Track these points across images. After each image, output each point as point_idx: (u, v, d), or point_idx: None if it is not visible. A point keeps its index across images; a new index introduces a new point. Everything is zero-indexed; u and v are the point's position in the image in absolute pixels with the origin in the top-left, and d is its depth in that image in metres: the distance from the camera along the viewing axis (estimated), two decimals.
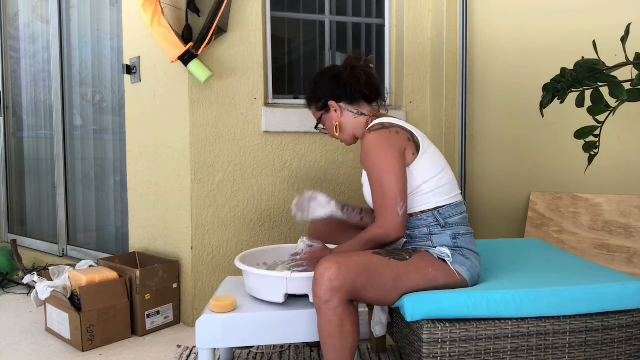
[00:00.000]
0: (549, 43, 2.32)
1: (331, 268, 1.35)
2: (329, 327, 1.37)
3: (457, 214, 1.53)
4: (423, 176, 1.51)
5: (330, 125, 1.71)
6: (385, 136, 1.49)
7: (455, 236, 1.51)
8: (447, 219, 1.51)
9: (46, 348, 2.07)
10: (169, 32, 2.04)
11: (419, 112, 2.60)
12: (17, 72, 3.54)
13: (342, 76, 1.65)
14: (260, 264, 1.84)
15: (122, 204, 2.78)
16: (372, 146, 1.49)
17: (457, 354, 1.34)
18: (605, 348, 1.40)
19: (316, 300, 1.37)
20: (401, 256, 1.45)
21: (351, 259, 1.39)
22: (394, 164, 1.46)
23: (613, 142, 2.14)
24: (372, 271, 1.39)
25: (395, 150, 1.47)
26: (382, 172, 1.46)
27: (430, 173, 1.51)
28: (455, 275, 1.46)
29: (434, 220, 1.51)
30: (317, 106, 1.71)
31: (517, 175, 2.44)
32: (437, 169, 1.53)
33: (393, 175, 1.45)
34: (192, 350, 2.02)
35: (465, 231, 1.54)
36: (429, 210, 1.51)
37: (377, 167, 1.47)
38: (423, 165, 1.51)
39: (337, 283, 1.34)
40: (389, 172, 1.45)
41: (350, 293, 1.37)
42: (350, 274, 1.35)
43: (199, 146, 2.22)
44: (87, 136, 3.03)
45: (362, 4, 2.62)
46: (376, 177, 1.47)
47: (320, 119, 1.73)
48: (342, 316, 1.36)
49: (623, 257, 2.07)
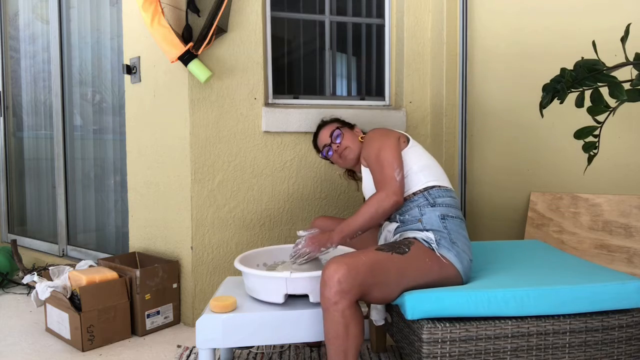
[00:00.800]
0: (549, 43, 2.32)
1: (340, 270, 1.35)
2: (336, 329, 1.37)
3: (446, 196, 1.61)
4: (411, 159, 1.67)
5: (349, 139, 1.86)
6: (382, 130, 1.76)
7: (444, 217, 1.56)
8: (436, 199, 1.60)
9: (46, 348, 2.07)
10: (169, 32, 2.04)
11: (419, 112, 2.60)
12: (17, 72, 3.54)
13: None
14: (260, 264, 1.84)
15: (122, 204, 2.79)
16: (373, 135, 1.73)
17: (457, 354, 1.34)
18: (605, 348, 1.40)
19: (324, 301, 1.37)
20: (400, 249, 1.47)
21: (359, 259, 1.40)
22: (390, 143, 1.66)
23: (613, 142, 2.14)
24: (378, 269, 1.40)
25: (392, 136, 1.69)
26: (380, 150, 1.64)
27: (420, 159, 1.68)
28: (443, 261, 1.49)
29: (423, 200, 1.60)
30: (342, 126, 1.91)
31: (517, 175, 2.44)
32: (425, 157, 1.70)
33: (389, 149, 1.63)
34: (192, 350, 2.02)
35: (455, 215, 1.59)
36: (420, 191, 1.62)
37: (377, 148, 1.66)
38: (412, 152, 1.68)
39: (347, 285, 1.35)
40: (385, 148, 1.64)
41: (359, 294, 1.38)
42: (360, 274, 1.37)
43: (199, 146, 2.22)
44: (87, 136, 3.03)
45: (362, 4, 2.62)
46: (375, 154, 1.65)
47: (340, 136, 1.87)
48: (350, 318, 1.37)
49: (623, 257, 2.07)
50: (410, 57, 2.58)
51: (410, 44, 2.58)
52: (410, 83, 2.59)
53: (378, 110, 2.50)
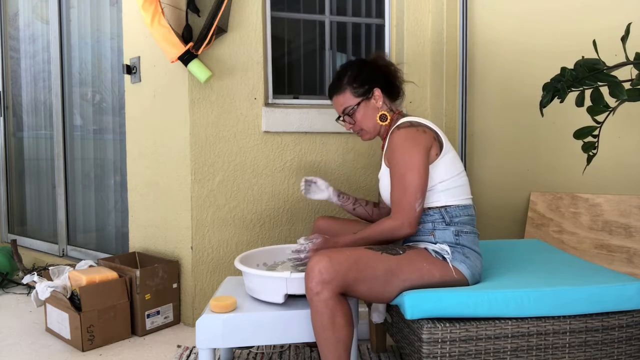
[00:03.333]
0: (549, 43, 2.31)
1: (322, 261, 1.37)
2: (321, 319, 1.38)
3: (464, 215, 1.54)
4: (440, 176, 1.53)
5: (365, 115, 1.66)
6: (413, 134, 1.51)
7: (458, 233, 1.52)
8: (453, 218, 1.53)
9: (46, 348, 2.07)
10: (169, 32, 2.04)
11: (419, 112, 2.60)
12: (17, 72, 3.54)
13: (387, 68, 1.70)
14: (260, 264, 1.84)
15: (122, 204, 2.79)
16: (400, 142, 1.51)
17: (457, 354, 1.34)
18: (605, 348, 1.40)
19: (308, 293, 1.39)
20: (394, 251, 1.46)
21: (343, 253, 1.41)
22: (419, 162, 1.48)
23: (613, 142, 2.14)
24: (364, 265, 1.40)
25: (421, 149, 1.49)
26: (407, 169, 1.48)
27: (448, 174, 1.53)
28: (452, 272, 1.47)
29: (439, 217, 1.53)
30: (358, 91, 1.65)
31: (517, 175, 2.44)
32: (454, 171, 1.55)
33: (417, 172, 1.47)
34: (192, 350, 2.02)
35: (470, 230, 1.54)
36: (437, 207, 1.53)
37: (403, 163, 1.49)
38: (443, 166, 1.53)
39: (328, 276, 1.36)
40: (413, 169, 1.48)
41: (341, 286, 1.38)
42: (342, 267, 1.37)
43: (199, 146, 2.22)
44: (87, 136, 3.03)
45: (362, 4, 2.62)
46: (400, 172, 1.49)
47: (355, 107, 1.66)
48: (334, 308, 1.37)
49: (623, 257, 2.07)
50: (410, 57, 2.58)
51: (410, 44, 2.58)
52: (410, 83, 2.59)
53: None
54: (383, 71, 1.70)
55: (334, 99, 1.72)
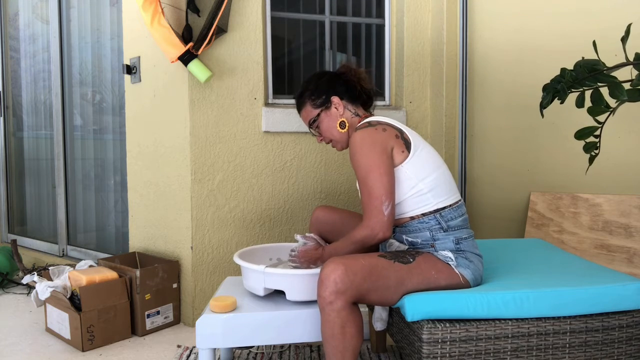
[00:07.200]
0: (549, 43, 2.31)
1: (337, 270, 1.34)
2: (332, 329, 1.36)
3: (458, 216, 1.52)
4: (417, 174, 1.48)
5: (327, 125, 1.66)
6: (369, 134, 1.48)
7: (458, 241, 1.50)
8: (449, 222, 1.49)
9: (46, 348, 2.07)
10: (169, 32, 2.04)
11: (419, 112, 2.60)
12: (17, 72, 3.54)
13: (345, 75, 1.67)
14: (273, 258, 1.88)
15: (122, 204, 2.79)
16: (356, 145, 1.48)
17: (457, 354, 1.34)
18: (605, 348, 1.40)
19: (320, 300, 1.37)
20: (405, 259, 1.44)
21: (358, 262, 1.38)
22: (377, 162, 1.44)
23: (613, 142, 2.14)
24: (377, 275, 1.38)
25: (378, 149, 1.45)
26: (367, 172, 1.44)
27: (426, 171, 1.49)
28: (459, 278, 1.46)
29: (436, 224, 1.49)
30: (316, 103, 1.65)
31: (517, 175, 2.44)
32: (432, 167, 1.50)
33: (377, 174, 1.43)
34: (192, 350, 2.02)
35: (467, 235, 1.53)
36: (431, 212, 1.49)
37: (362, 166, 1.45)
38: (417, 164, 1.48)
39: (343, 286, 1.33)
40: (373, 171, 1.43)
41: (355, 296, 1.36)
42: (357, 277, 1.35)
43: (199, 146, 2.22)
44: (87, 136, 3.03)
45: (362, 4, 2.62)
46: (362, 176, 1.46)
47: (316, 118, 1.66)
48: (346, 318, 1.36)
49: (623, 257, 2.07)
50: (410, 57, 2.58)
51: (410, 44, 2.58)
52: (410, 83, 2.59)
53: (378, 110, 2.50)
54: (342, 78, 1.66)
55: (300, 115, 1.73)
